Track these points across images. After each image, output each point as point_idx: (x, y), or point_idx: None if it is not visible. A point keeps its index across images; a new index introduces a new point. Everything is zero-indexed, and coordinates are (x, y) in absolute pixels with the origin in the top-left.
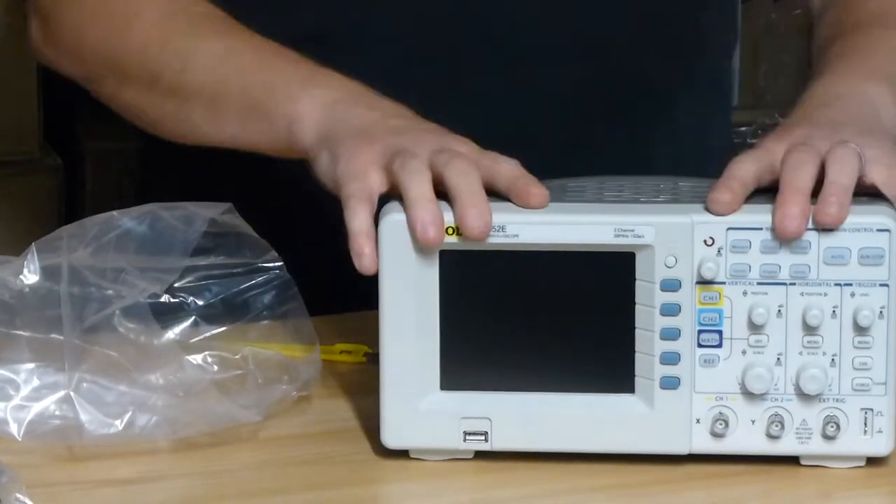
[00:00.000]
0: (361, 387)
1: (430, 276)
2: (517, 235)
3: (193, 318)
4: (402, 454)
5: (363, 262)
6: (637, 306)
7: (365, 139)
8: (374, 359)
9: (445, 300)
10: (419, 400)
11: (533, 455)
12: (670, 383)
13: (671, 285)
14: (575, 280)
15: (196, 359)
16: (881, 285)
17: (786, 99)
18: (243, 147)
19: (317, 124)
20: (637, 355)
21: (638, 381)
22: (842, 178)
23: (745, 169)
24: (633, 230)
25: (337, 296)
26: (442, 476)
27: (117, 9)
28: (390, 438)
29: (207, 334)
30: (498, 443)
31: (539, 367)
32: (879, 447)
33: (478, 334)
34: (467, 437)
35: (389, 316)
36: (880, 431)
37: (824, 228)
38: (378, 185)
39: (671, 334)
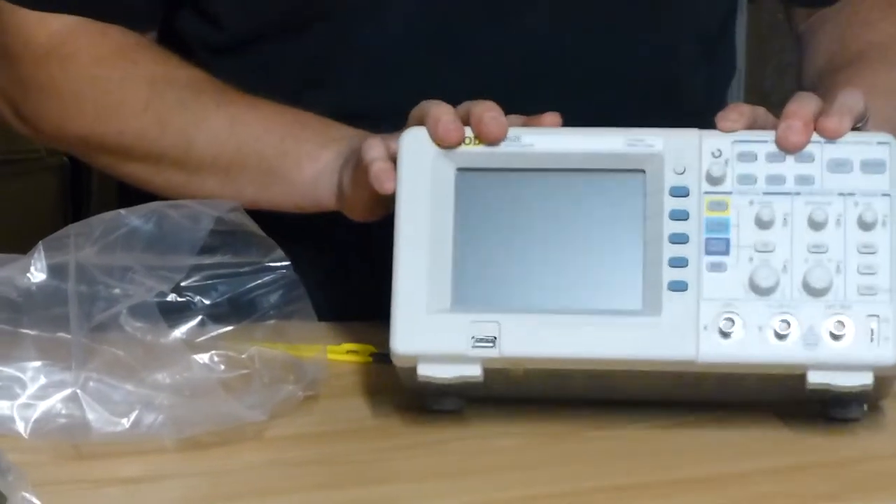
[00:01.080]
0: (367, 387)
1: (446, 191)
2: (532, 145)
3: (200, 317)
4: (414, 450)
5: (382, 180)
6: (646, 216)
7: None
8: (380, 359)
9: (461, 217)
10: (431, 312)
11: (548, 453)
12: (678, 286)
13: (680, 192)
14: (585, 194)
15: (202, 358)
16: (883, 195)
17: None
18: (262, 208)
19: (333, 182)
20: (645, 266)
21: (646, 289)
22: (847, 99)
23: (749, 107)
24: (643, 140)
25: (342, 303)
26: (450, 477)
27: (97, 100)
28: (400, 346)
29: (214, 333)
30: (506, 349)
31: (550, 282)
32: (886, 355)
33: (490, 251)
34: (476, 344)
35: (405, 233)
36: (886, 338)
37: (829, 139)
38: (395, 142)
39: (680, 238)
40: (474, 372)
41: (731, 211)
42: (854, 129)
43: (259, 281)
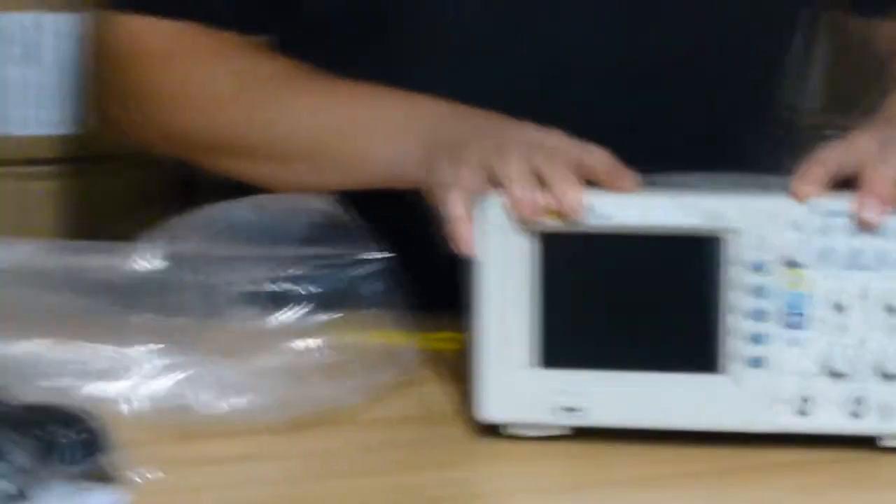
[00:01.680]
0: (457, 373)
1: (526, 257)
2: (610, 217)
3: (302, 305)
4: (497, 436)
5: (461, 243)
6: (724, 289)
7: (462, 150)
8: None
9: (542, 282)
10: (514, 376)
11: (622, 439)
12: (757, 363)
13: (758, 267)
14: (665, 264)
15: (304, 344)
16: None
17: (867, 103)
18: (349, 189)
19: (418, 156)
20: (725, 336)
21: (726, 360)
22: None
23: (830, 157)
24: (722, 213)
25: (434, 294)
26: (535, 459)
27: (192, 97)
28: (485, 412)
29: (315, 321)
30: (591, 417)
31: (631, 346)
32: None
33: (573, 314)
34: (561, 412)
35: (486, 296)
36: None
37: None
38: (475, 182)
39: (759, 315)
40: (561, 432)
41: (809, 284)
42: None
43: (357, 272)
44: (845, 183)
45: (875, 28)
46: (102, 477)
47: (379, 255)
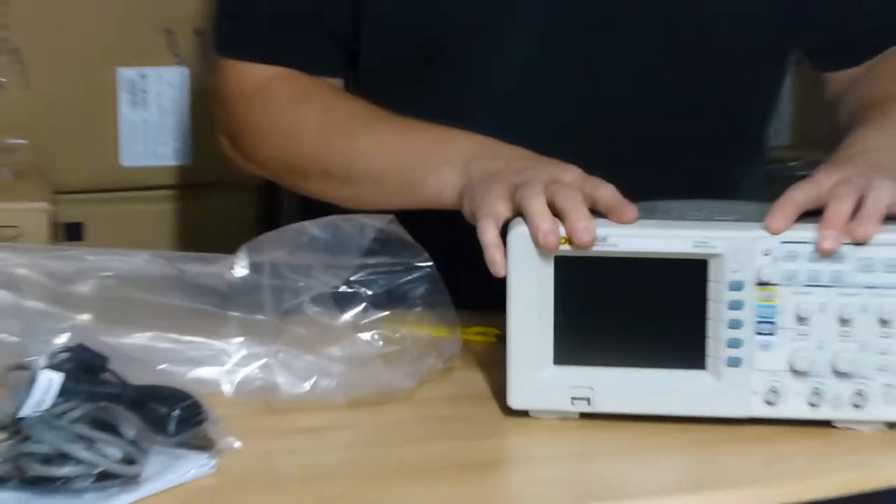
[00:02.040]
0: (492, 361)
1: (546, 276)
2: (616, 245)
3: (364, 304)
4: (523, 414)
5: (495, 267)
6: (709, 302)
7: (493, 181)
8: (502, 339)
9: (559, 296)
10: (537, 372)
11: (624, 417)
12: (735, 362)
13: (737, 286)
14: (660, 281)
15: (365, 336)
16: None
17: (830, 140)
18: (405, 209)
19: (458, 184)
20: (709, 340)
21: (709, 360)
22: (876, 205)
23: (798, 196)
24: (708, 242)
25: (473, 295)
26: (553, 432)
27: (283, 130)
28: (514, 401)
29: (374, 318)
30: (597, 406)
31: (631, 348)
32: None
33: (583, 322)
34: (574, 401)
35: (515, 307)
36: None
37: (858, 243)
38: (504, 211)
39: (736, 324)
40: (573, 416)
41: (778, 299)
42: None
43: (409, 277)
44: (811, 212)
45: (827, 76)
46: (199, 446)
47: (425, 264)
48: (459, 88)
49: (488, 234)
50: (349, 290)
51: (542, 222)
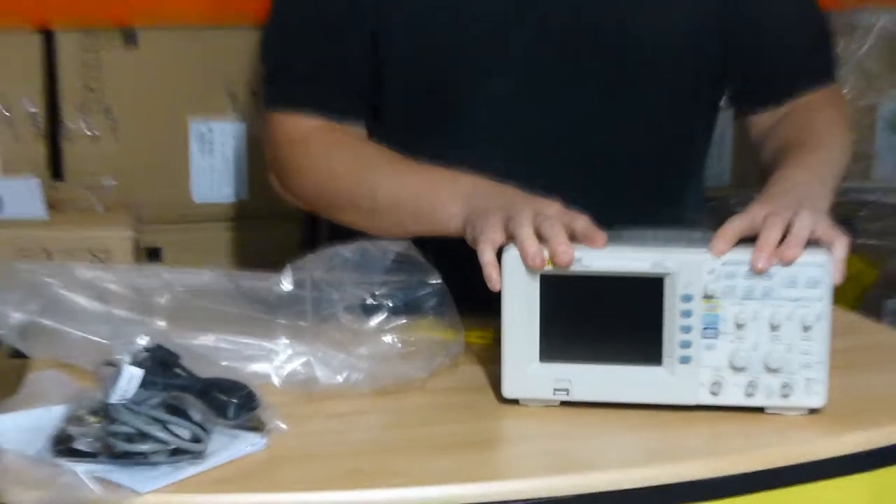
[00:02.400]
0: (489, 359)
1: (533, 290)
2: (589, 265)
3: (386, 313)
4: (514, 402)
5: (492, 283)
6: (665, 311)
7: (490, 214)
8: (498, 341)
9: (544, 306)
10: (526, 368)
11: (596, 404)
12: (685, 360)
13: (687, 298)
14: (625, 294)
15: (387, 338)
16: (819, 301)
17: (761, 179)
18: (419, 236)
19: (462, 216)
20: (664, 342)
21: (665, 358)
22: (800, 232)
23: (736, 226)
24: (663, 263)
25: (471, 303)
26: (538, 416)
27: (321, 170)
28: (507, 391)
29: (394, 324)
30: (575, 395)
31: (602, 348)
32: (816, 402)
33: (563, 328)
34: (555, 392)
35: (508, 315)
36: (817, 393)
37: (785, 263)
38: (499, 237)
39: (687, 329)
40: (554, 404)
41: (720, 309)
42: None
43: (422, 292)
44: (747, 238)
45: (751, 119)
46: (252, 427)
47: (436, 281)
48: (460, 111)
49: (487, 256)
50: (374, 302)
51: (530, 247)
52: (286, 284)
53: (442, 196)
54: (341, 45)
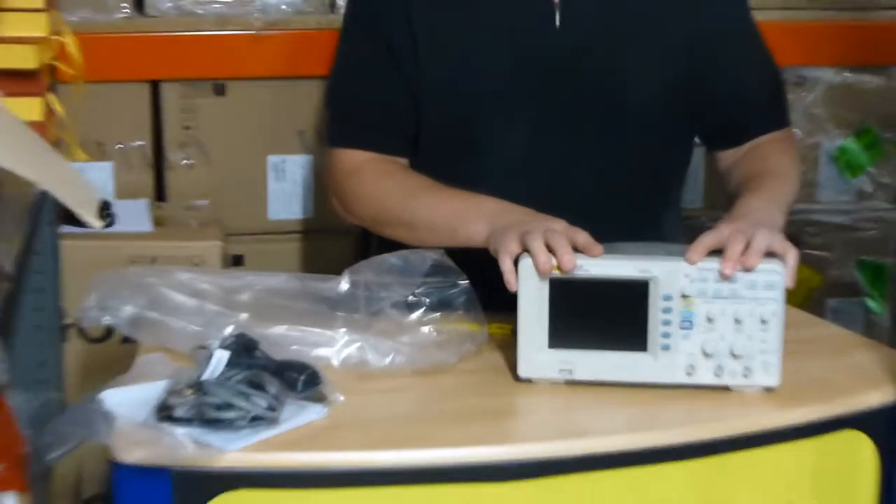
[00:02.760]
0: (507, 346)
1: (544, 291)
2: (588, 270)
3: (424, 308)
4: (528, 381)
5: (510, 285)
6: (649, 308)
7: (509, 231)
8: (514, 332)
9: (552, 304)
10: (537, 353)
11: (593, 383)
12: (666, 347)
13: (667, 297)
14: (617, 294)
15: (425, 329)
16: (774, 300)
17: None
18: (451, 247)
19: (486, 232)
20: (649, 333)
21: (649, 345)
22: (759, 246)
23: (707, 240)
24: (648, 269)
25: (495, 302)
26: (547, 392)
27: (372, 196)
28: (522, 372)
29: (430, 317)
30: (577, 376)
31: (598, 337)
32: (772, 382)
33: (567, 321)
34: (561, 372)
35: (523, 311)
36: (772, 374)
37: (747, 270)
38: (516, 249)
39: (667, 322)
40: (560, 382)
41: (695, 307)
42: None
43: (453, 291)
44: (716, 250)
45: (719, 154)
46: (317, 399)
47: (464, 283)
48: (481, 150)
49: (506, 265)
50: (414, 300)
51: (540, 256)
52: (344, 285)
53: (469, 216)
54: (386, 93)
